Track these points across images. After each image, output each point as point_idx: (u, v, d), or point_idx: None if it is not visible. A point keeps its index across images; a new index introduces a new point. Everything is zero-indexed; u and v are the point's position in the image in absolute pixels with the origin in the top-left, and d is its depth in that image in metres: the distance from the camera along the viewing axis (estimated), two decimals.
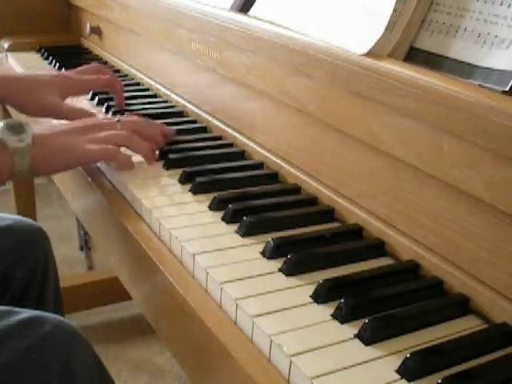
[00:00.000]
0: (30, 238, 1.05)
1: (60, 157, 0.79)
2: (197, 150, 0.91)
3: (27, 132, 0.76)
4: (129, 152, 0.85)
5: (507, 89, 0.59)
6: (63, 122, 1.00)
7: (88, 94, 1.15)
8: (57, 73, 1.21)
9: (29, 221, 1.09)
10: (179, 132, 0.98)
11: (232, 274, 0.61)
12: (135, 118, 0.91)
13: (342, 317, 0.56)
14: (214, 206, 0.75)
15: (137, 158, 0.86)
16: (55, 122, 1.01)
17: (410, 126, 0.64)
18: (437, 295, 0.61)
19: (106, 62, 1.44)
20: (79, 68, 1.10)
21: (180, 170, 0.83)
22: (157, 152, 0.89)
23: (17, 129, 0.75)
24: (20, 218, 1.09)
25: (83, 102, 1.13)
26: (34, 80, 1.02)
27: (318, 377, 0.49)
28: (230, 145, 0.95)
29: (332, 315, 0.56)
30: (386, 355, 0.52)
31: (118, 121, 0.86)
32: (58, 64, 1.37)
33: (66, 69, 1.28)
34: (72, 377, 0.76)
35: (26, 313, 0.77)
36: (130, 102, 1.13)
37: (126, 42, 1.36)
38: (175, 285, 0.63)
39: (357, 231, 0.71)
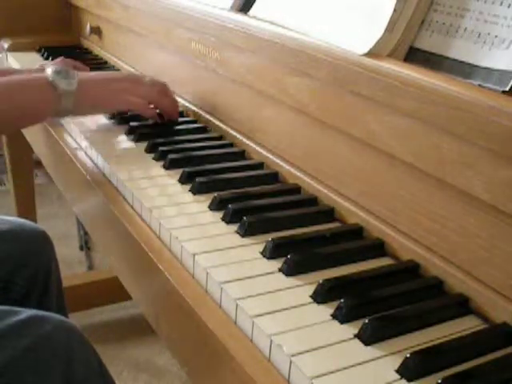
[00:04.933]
0: (33, 243, 1.03)
1: (100, 102, 0.94)
2: (197, 150, 0.91)
3: (74, 77, 0.88)
4: None
5: (507, 89, 0.59)
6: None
7: None
8: None
9: (32, 225, 1.07)
10: (179, 132, 0.98)
11: (232, 274, 0.61)
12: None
13: (341, 317, 0.55)
14: (214, 206, 0.75)
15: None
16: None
17: (410, 126, 0.64)
18: (437, 295, 0.61)
19: (105, 62, 1.44)
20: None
21: (180, 170, 0.83)
22: None
23: (65, 74, 0.88)
24: (23, 221, 1.07)
25: None
26: None
27: (318, 377, 0.49)
28: (230, 145, 0.95)
29: (332, 315, 0.56)
30: (386, 355, 0.52)
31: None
32: None
33: None
34: (73, 376, 0.76)
35: (26, 312, 0.77)
36: None
37: (126, 42, 1.36)
38: (175, 285, 0.63)
39: (357, 231, 0.71)
